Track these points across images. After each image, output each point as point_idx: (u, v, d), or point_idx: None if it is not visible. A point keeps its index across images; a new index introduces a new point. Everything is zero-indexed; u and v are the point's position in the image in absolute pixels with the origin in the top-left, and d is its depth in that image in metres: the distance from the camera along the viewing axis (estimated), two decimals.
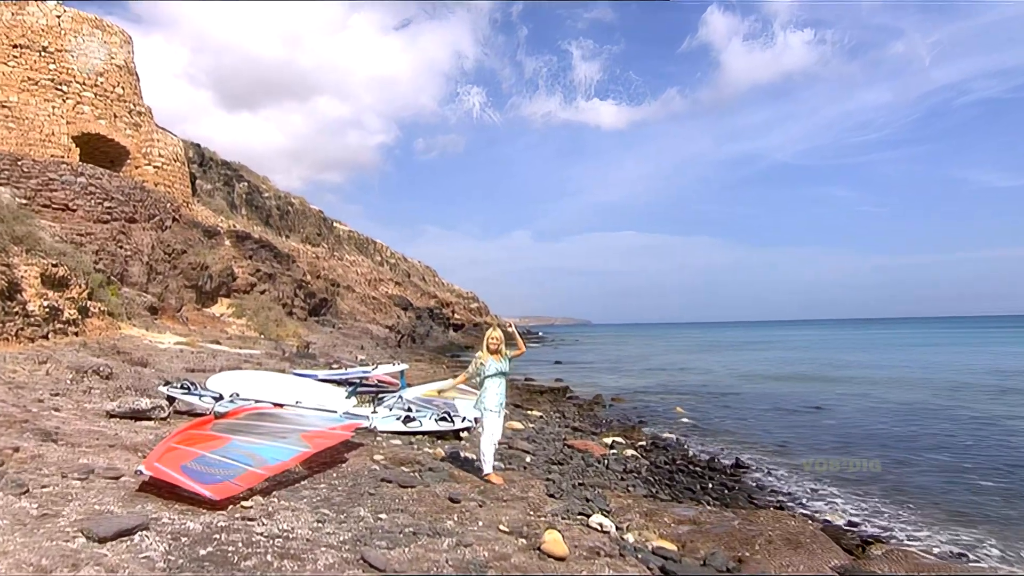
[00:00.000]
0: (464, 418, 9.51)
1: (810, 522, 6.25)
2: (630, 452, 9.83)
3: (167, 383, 8.36)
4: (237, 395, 8.37)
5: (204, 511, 4.45)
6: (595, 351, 58.84)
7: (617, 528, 5.59)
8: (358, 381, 11.70)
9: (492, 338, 6.87)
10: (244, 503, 4.76)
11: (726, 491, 7.95)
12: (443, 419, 9.13)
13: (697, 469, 9.22)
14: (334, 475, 6.19)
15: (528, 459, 8.45)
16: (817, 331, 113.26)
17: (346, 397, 10.82)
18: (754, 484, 8.64)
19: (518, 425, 11.02)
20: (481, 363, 6.96)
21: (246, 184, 40.72)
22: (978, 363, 33.29)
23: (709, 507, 6.67)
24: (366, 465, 6.72)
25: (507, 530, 5.23)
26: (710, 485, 8.27)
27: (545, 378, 25.12)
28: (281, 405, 8.49)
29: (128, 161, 23.65)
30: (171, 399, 8.05)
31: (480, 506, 5.78)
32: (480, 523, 5.30)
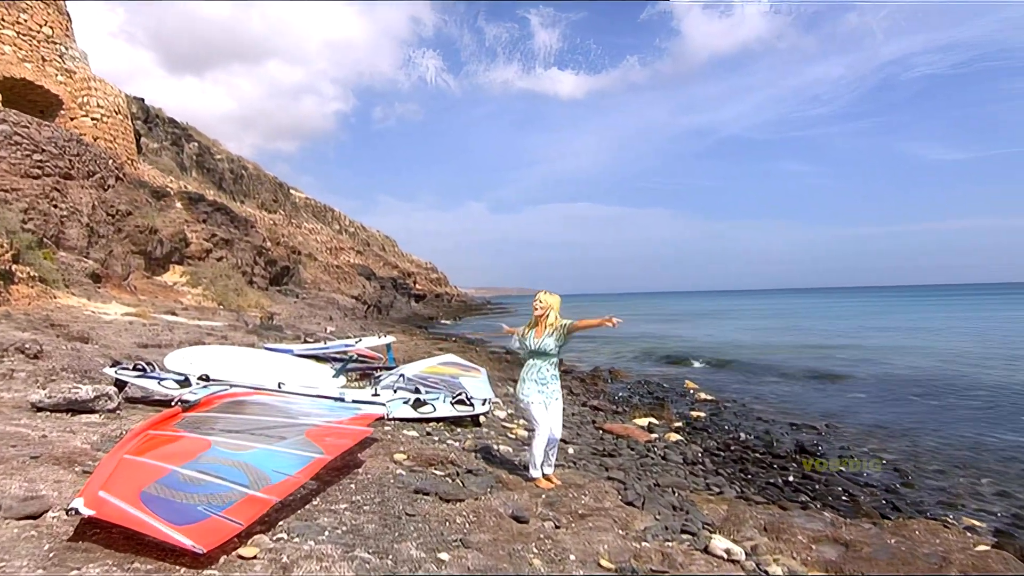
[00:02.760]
0: (485, 400, 7.96)
1: (971, 535, 4.94)
2: (674, 437, 8.45)
3: (115, 363, 6.56)
4: (207, 377, 6.63)
5: (182, 569, 2.83)
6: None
7: (748, 554, 4.14)
8: (345, 357, 10.03)
9: (535, 304, 5.33)
10: (242, 551, 3.13)
11: (815, 486, 6.66)
12: (459, 402, 7.56)
13: (759, 456, 7.92)
14: (352, 486, 4.59)
15: (571, 450, 7.00)
16: (777, 300, 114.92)
17: (334, 376, 9.17)
18: (838, 475, 7.34)
19: None
20: (519, 337, 5.45)
21: (196, 145, 37.80)
22: (961, 329, 33.24)
23: (832, 514, 5.32)
24: (387, 468, 5.13)
25: (613, 567, 3.75)
26: (791, 478, 6.97)
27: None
28: (261, 389, 6.78)
29: (61, 112, 20.99)
30: (121, 384, 6.28)
31: (557, 527, 4.29)
32: (572, 556, 3.80)
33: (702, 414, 10.77)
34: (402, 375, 8.64)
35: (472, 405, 7.55)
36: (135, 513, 2.99)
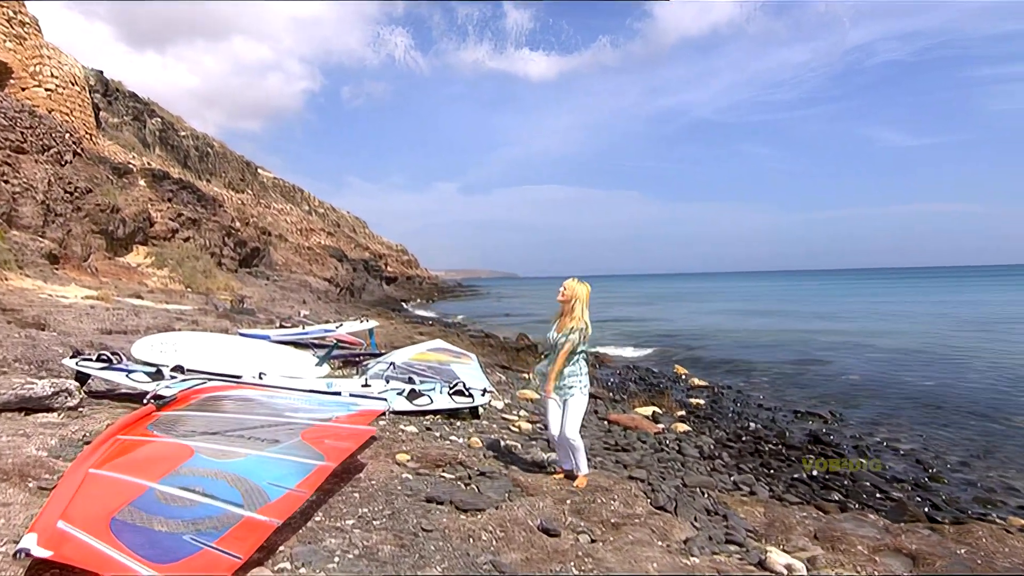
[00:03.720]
0: (484, 390, 7.41)
1: (1014, 535, 4.57)
2: (682, 428, 8.01)
3: (76, 353, 5.84)
4: (182, 369, 5.96)
5: None
6: (538, 304, 57.25)
7: (809, 569, 3.67)
8: (329, 343, 9.40)
9: (560, 290, 4.83)
10: None
11: (843, 482, 6.28)
12: (458, 392, 6.99)
13: (774, 448, 7.54)
14: (356, 495, 4.01)
15: (585, 443, 6.45)
16: (746, 283, 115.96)
17: (317, 364, 8.55)
18: (867, 467, 6.96)
19: (533, 395, 9.01)
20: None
21: (159, 120, 36.21)
22: (930, 311, 33.62)
23: (877, 516, 4.91)
24: (392, 472, 4.57)
25: None
26: (815, 472, 6.58)
27: (505, 333, 23.18)
28: (243, 382, 6.14)
29: (11, 81, 19.68)
30: (83, 377, 5.59)
31: (593, 541, 3.78)
32: None
33: (701, 402, 10.38)
34: (392, 363, 8.04)
35: (471, 396, 7.00)
36: (104, 550, 2.38)
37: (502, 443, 5.91)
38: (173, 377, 5.59)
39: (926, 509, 5.54)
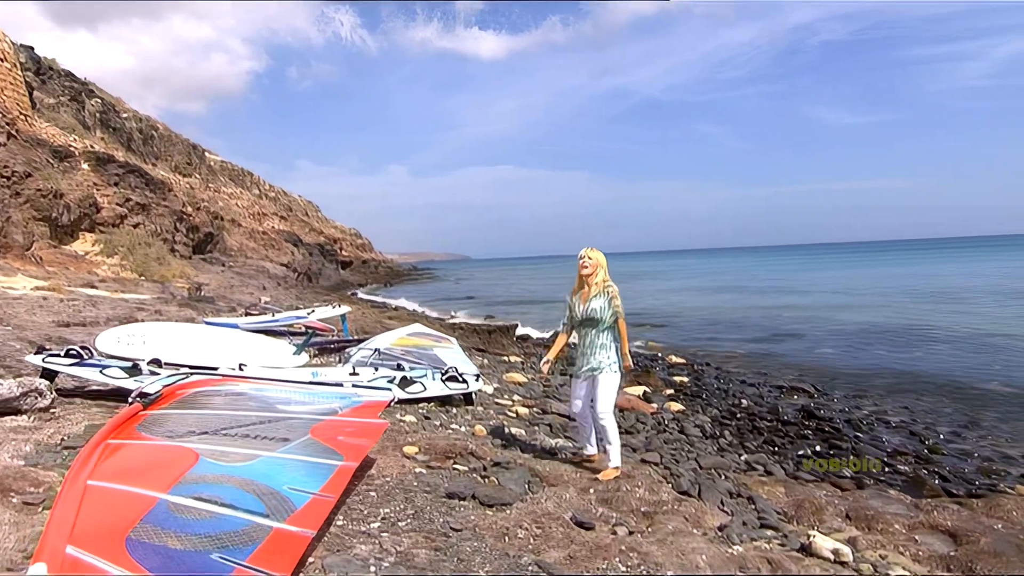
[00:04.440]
0: (477, 375, 7.15)
1: None
2: (676, 407, 7.91)
3: (41, 349, 5.34)
4: (159, 362, 5.52)
5: None
6: (498, 285, 57.18)
7: (854, 554, 3.54)
8: (307, 331, 8.99)
9: (582, 262, 4.59)
10: None
11: (852, 456, 6.24)
12: (451, 379, 6.72)
13: (770, 424, 7.49)
14: (372, 494, 3.74)
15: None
16: (700, 260, 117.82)
17: (295, 353, 8.16)
18: (866, 441, 6.98)
19: (520, 378, 8.79)
20: (569, 307, 4.73)
21: (99, 101, 34.37)
22: (883, 284, 34.63)
23: (897, 492, 4.86)
24: (403, 466, 4.29)
25: None
26: (818, 448, 6.54)
27: (473, 315, 22.94)
28: (228, 375, 5.75)
29: None
30: (49, 374, 5.11)
31: (631, 532, 3.58)
32: (669, 573, 3.09)
33: (685, 379, 10.33)
34: (377, 350, 7.70)
35: (465, 382, 6.73)
36: None
37: (506, 430, 5.67)
38: (152, 372, 5.17)
39: (937, 482, 5.54)
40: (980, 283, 31.56)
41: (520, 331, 18.45)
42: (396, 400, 5.51)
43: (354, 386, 5.41)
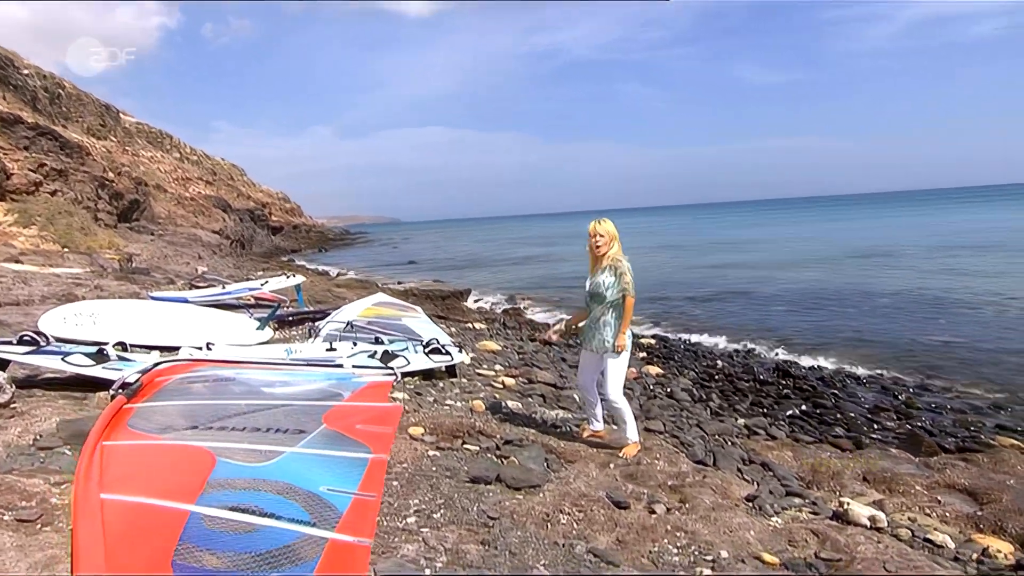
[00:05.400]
0: (460, 347, 6.91)
1: None
2: (655, 370, 7.90)
3: None
4: (125, 346, 5.04)
5: None
6: (438, 249, 56.37)
7: (890, 518, 3.55)
8: (275, 305, 8.52)
9: (594, 239, 4.35)
10: None
11: (837, 415, 6.37)
12: (435, 351, 6.45)
13: (750, 384, 7.59)
14: (395, 483, 3.51)
15: (576, 396, 6.20)
16: (628, 219, 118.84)
17: (258, 328, 7.71)
18: (844, 399, 7.14)
19: (494, 346, 8.59)
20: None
21: None
22: (810, 238, 35.93)
23: (899, 451, 4.95)
24: (415, 449, 4.06)
25: (777, 561, 3.01)
26: (804, 407, 6.65)
27: (418, 281, 22.45)
28: (205, 358, 5.30)
29: None
30: (1, 363, 4.58)
31: (669, 510, 3.48)
32: (725, 553, 3.03)
33: (652, 341, 10.38)
34: (350, 323, 7.34)
35: (449, 354, 6.48)
36: None
37: (503, 404, 5.48)
38: (121, 357, 4.71)
39: (923, 435, 5.70)
40: (904, 237, 33.15)
41: (474, 296, 18.23)
42: (399, 379, 5.21)
43: (355, 367, 5.09)
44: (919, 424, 6.20)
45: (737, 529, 3.21)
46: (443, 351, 6.48)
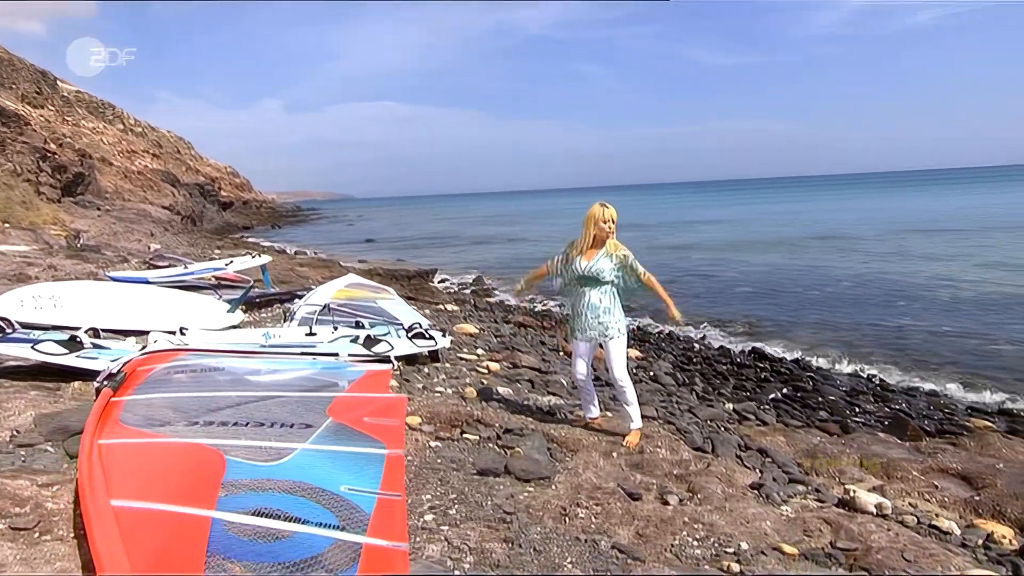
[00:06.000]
0: (444, 331, 6.78)
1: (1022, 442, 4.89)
2: (634, 353, 7.91)
3: None
4: (98, 332, 4.77)
5: None
6: (395, 226, 55.60)
7: (893, 505, 3.61)
8: (247, 287, 8.22)
9: (601, 225, 4.28)
10: None
11: (819, 399, 6.48)
12: (418, 335, 6.31)
13: (728, 368, 7.67)
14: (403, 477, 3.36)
15: (563, 380, 6.16)
16: (587, 199, 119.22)
17: (229, 311, 7.43)
18: (822, 382, 7.27)
19: (471, 329, 8.47)
20: (554, 268, 4.44)
21: None
22: (770, 219, 36.71)
23: (887, 435, 5.05)
24: (416, 440, 3.95)
25: (796, 552, 3.02)
26: (785, 391, 6.74)
27: (379, 260, 22.07)
28: (183, 347, 5.08)
29: None
30: None
31: (681, 501, 3.46)
32: (744, 545, 3.02)
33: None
34: (327, 306, 7.12)
35: (433, 339, 6.34)
36: None
37: (494, 391, 5.39)
38: (96, 345, 4.44)
39: (911, 422, 5.85)
40: (855, 220, 34.10)
41: (439, 276, 18.01)
42: (396, 368, 5.06)
43: (350, 355, 4.92)
44: (897, 407, 6.37)
45: (753, 520, 3.21)
46: (426, 335, 6.34)
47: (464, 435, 4.17)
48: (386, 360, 4.91)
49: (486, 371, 6.34)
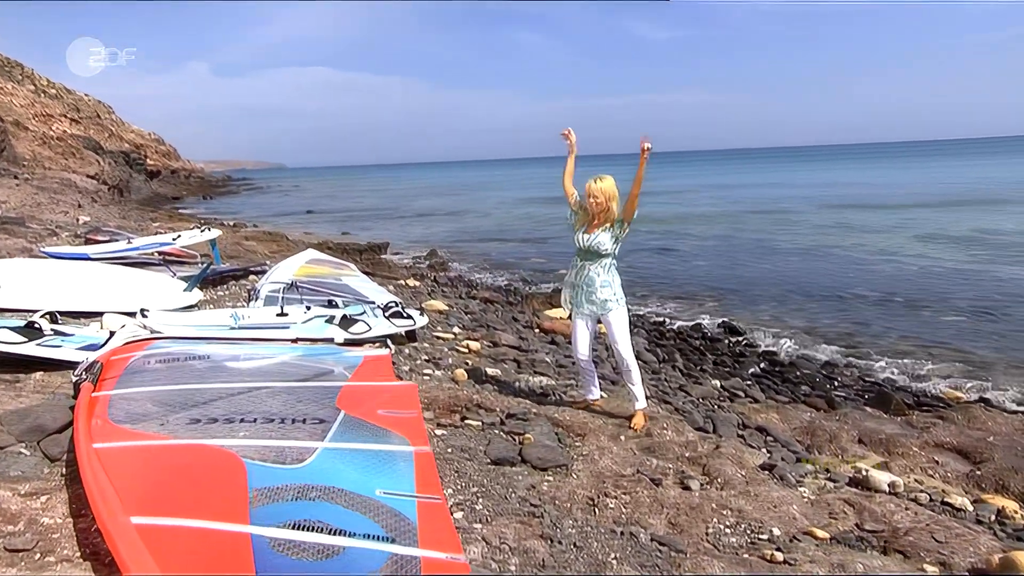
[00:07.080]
0: (421, 310, 6.54)
1: (1004, 414, 5.04)
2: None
3: None
4: (55, 316, 4.34)
5: None
6: (332, 199, 53.88)
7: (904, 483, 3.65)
8: (205, 264, 7.74)
9: (592, 200, 4.13)
10: None
11: (798, 373, 6.57)
12: (395, 315, 6.06)
13: (703, 344, 7.69)
14: None
15: (549, 358, 6.05)
16: (527, 170, 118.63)
17: (186, 290, 6.99)
18: (797, 356, 7.36)
19: (440, 306, 8.23)
20: (577, 217, 4.31)
21: None
22: (718, 193, 37.40)
23: (875, 409, 5.13)
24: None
25: (827, 536, 3.01)
26: (763, 365, 6.80)
27: (326, 233, 21.36)
28: (157, 335, 4.71)
29: None
30: None
31: (703, 487, 3.40)
32: (777, 531, 2.99)
33: None
34: (294, 284, 6.77)
35: (411, 318, 6.11)
36: None
37: (483, 372, 5.22)
38: (57, 332, 4.03)
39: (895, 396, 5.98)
40: (795, 194, 35.05)
41: (390, 250, 17.56)
42: (392, 350, 4.80)
43: (347, 342, 4.64)
44: (872, 380, 6.53)
45: (780, 504, 3.18)
46: (404, 314, 6.10)
47: (466, 421, 4.00)
48: (383, 345, 4.65)
49: (467, 351, 6.15)
